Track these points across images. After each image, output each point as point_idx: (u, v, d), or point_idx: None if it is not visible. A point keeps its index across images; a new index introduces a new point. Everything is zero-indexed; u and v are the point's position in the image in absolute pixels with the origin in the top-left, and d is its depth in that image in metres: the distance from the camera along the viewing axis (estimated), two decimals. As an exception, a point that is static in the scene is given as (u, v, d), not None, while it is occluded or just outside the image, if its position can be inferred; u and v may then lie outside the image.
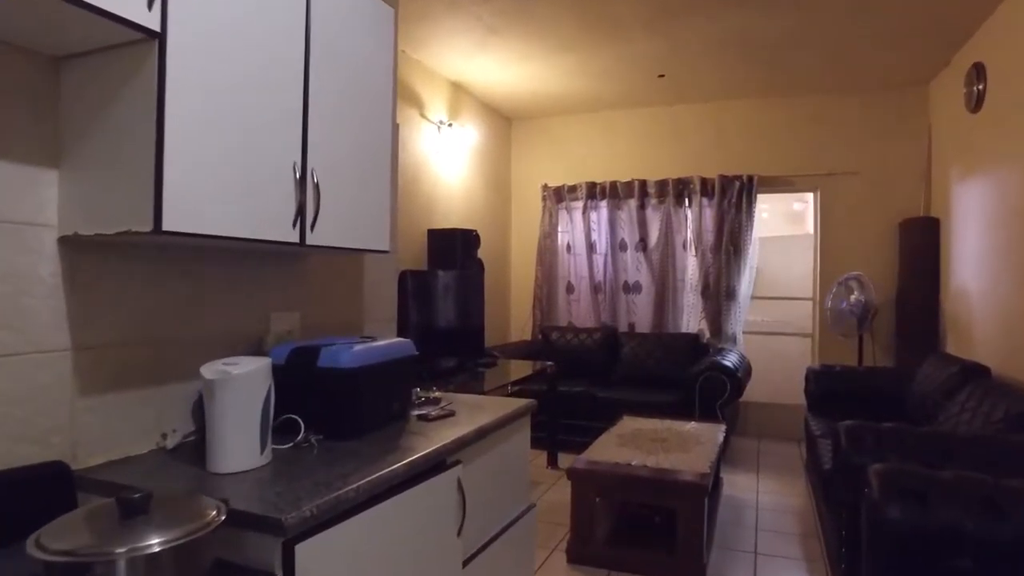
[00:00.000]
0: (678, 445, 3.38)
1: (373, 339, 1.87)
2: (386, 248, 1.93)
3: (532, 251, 6.01)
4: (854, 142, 5.07)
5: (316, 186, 1.61)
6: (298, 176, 1.55)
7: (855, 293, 4.71)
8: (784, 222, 8.36)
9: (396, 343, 1.89)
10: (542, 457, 4.59)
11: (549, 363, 4.46)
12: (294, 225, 1.54)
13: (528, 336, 5.99)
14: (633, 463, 3.05)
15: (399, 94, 4.31)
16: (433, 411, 1.95)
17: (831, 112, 5.13)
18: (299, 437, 1.58)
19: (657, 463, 3.05)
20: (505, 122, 6.12)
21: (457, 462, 1.66)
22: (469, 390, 3.69)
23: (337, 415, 1.65)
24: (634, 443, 3.42)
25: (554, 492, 3.95)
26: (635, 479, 2.91)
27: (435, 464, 1.57)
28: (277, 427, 1.61)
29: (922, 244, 4.64)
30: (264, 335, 1.88)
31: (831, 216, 5.15)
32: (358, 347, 1.70)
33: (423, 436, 1.67)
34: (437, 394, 2.15)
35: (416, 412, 1.95)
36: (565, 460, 4.51)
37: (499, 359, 4.59)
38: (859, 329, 4.69)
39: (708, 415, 4.37)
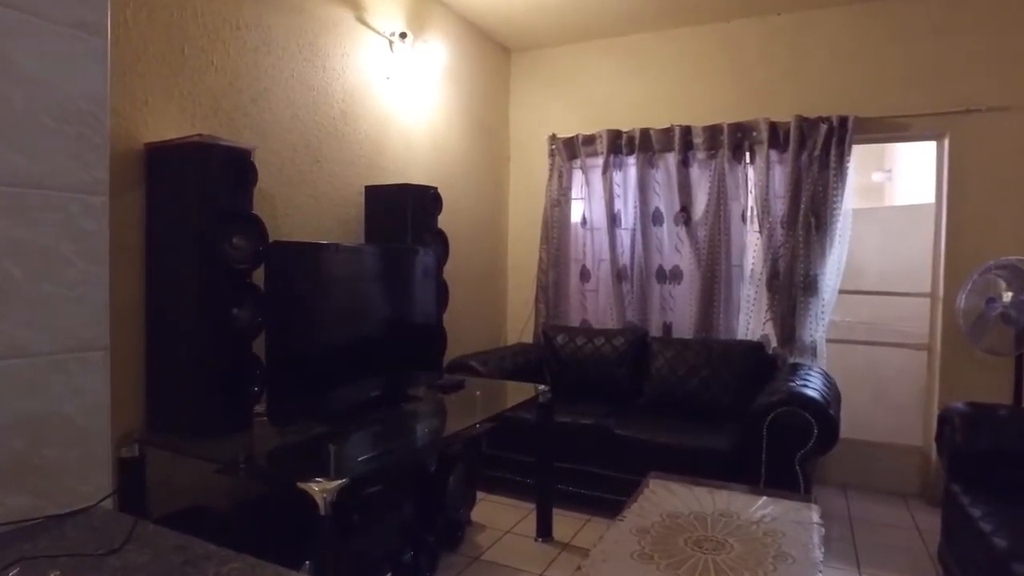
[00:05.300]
0: (743, 559, 1.90)
1: None
2: None
3: (536, 224, 4.52)
4: (1002, 64, 3.41)
5: None
6: None
7: (1008, 290, 3.12)
8: (859, 198, 6.65)
9: None
10: (529, 520, 3.13)
11: (543, 387, 3.00)
12: None
13: (530, 338, 4.52)
14: (660, 617, 1.59)
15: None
16: None
17: (965, 20, 3.48)
18: None
19: (707, 618, 1.58)
20: (502, 53, 4.61)
21: None
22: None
23: None
24: (664, 551, 1.95)
25: (538, 596, 2.49)
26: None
27: None
28: None
29: (1120, 215, 3.02)
30: None
31: (966, 174, 3.51)
32: None
33: None
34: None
35: None
36: (565, 526, 3.06)
37: (467, 378, 3.14)
38: (1018, 346, 3.09)
39: (781, 472, 2.87)
